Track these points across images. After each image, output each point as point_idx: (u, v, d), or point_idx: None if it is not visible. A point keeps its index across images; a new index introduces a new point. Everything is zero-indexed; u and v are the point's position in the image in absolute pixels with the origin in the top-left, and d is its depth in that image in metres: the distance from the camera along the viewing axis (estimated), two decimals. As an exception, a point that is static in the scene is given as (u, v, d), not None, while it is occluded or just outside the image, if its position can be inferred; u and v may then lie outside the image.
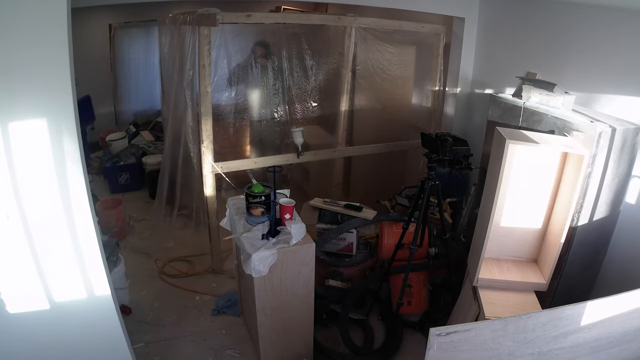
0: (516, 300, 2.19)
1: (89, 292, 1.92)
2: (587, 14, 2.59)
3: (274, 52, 3.49)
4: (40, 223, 1.73)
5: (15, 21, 1.50)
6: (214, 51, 2.94)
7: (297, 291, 2.32)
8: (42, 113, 1.63)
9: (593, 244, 2.37)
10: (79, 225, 1.80)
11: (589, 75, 2.59)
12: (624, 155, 2.18)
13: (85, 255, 1.85)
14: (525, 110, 2.50)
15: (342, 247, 3.01)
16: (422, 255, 2.74)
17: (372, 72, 3.55)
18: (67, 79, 1.62)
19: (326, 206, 3.09)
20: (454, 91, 3.75)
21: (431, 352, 1.55)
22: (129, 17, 5.57)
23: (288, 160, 3.41)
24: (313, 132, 3.69)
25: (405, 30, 3.49)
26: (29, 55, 1.55)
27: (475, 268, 2.28)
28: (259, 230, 2.25)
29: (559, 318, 1.63)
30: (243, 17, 2.89)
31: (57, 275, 1.83)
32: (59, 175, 1.71)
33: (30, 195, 1.69)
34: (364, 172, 4.05)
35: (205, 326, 2.85)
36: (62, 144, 1.68)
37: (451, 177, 3.09)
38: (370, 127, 3.87)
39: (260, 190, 2.30)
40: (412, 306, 2.82)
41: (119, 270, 2.75)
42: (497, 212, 2.15)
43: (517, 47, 3.15)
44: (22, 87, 1.57)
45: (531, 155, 2.18)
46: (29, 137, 1.63)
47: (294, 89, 3.47)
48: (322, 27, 3.44)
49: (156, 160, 4.77)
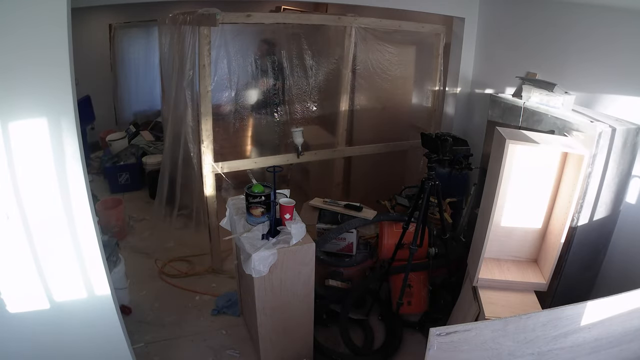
0: (516, 300, 2.19)
1: (89, 292, 1.92)
2: (587, 14, 2.59)
3: (275, 52, 3.50)
4: (41, 223, 1.73)
5: (16, 21, 1.50)
6: (214, 51, 2.94)
7: (297, 291, 2.32)
8: (42, 113, 1.63)
9: (593, 244, 2.37)
10: (79, 225, 1.80)
11: (589, 75, 2.59)
12: (624, 155, 2.18)
13: (85, 255, 1.85)
14: (525, 110, 2.50)
15: (342, 247, 3.01)
16: (422, 255, 2.74)
17: (372, 72, 3.55)
18: (67, 79, 1.62)
19: (326, 206, 3.09)
20: (454, 91, 3.74)
21: (431, 352, 1.55)
22: (129, 17, 5.57)
23: (288, 160, 3.41)
24: (313, 132, 3.69)
25: (405, 30, 3.49)
26: (29, 55, 1.55)
27: (475, 268, 2.28)
28: (259, 230, 2.25)
29: (559, 318, 1.63)
30: (243, 17, 2.89)
31: (57, 275, 1.83)
32: (59, 175, 1.71)
33: (31, 195, 1.69)
34: (364, 172, 4.05)
35: (205, 326, 2.85)
36: (62, 144, 1.68)
37: (451, 177, 3.09)
38: (370, 127, 3.87)
39: (260, 190, 2.30)
40: (412, 306, 2.82)
41: (119, 270, 2.76)
42: (497, 212, 2.15)
43: (517, 47, 3.15)
44: (22, 87, 1.58)
45: (531, 155, 2.18)
46: (29, 137, 1.63)
47: (294, 89, 3.46)
48: (322, 27, 3.44)
49: (156, 160, 4.77)
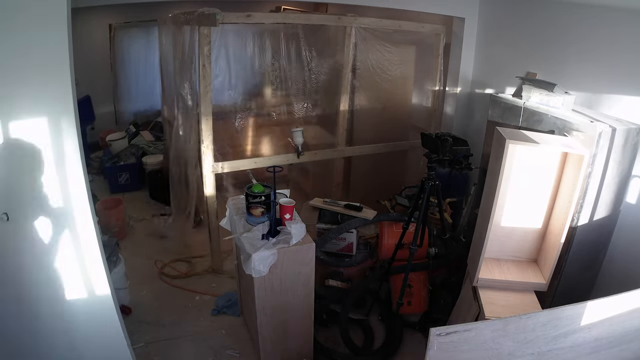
0: (516, 300, 2.19)
1: (89, 292, 1.92)
2: (587, 14, 2.59)
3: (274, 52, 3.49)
4: (40, 223, 1.73)
5: (16, 21, 1.51)
6: (214, 51, 2.94)
7: (297, 291, 2.32)
8: (43, 113, 1.63)
9: (593, 244, 2.37)
10: (79, 225, 1.80)
11: (589, 75, 2.59)
12: (624, 155, 2.17)
13: (85, 255, 1.85)
14: (525, 110, 2.50)
15: (342, 247, 3.01)
16: (422, 255, 2.74)
17: (372, 72, 3.55)
18: (67, 79, 1.63)
19: (326, 206, 3.09)
20: (454, 91, 3.74)
21: (431, 352, 1.55)
22: (129, 17, 5.57)
23: (288, 160, 3.41)
24: (313, 132, 3.69)
25: (405, 30, 3.48)
26: (29, 55, 1.55)
27: (475, 268, 2.28)
28: (259, 230, 2.25)
29: (559, 318, 1.62)
30: (243, 17, 2.89)
31: (57, 275, 1.83)
32: (59, 175, 1.71)
33: (30, 195, 1.69)
34: (364, 172, 4.05)
35: (205, 326, 2.85)
36: (62, 144, 1.68)
37: (451, 177, 3.09)
38: (370, 127, 3.86)
39: (260, 190, 2.30)
40: (412, 306, 2.82)
41: (119, 270, 2.76)
42: (497, 212, 2.15)
43: (517, 47, 3.15)
44: (22, 87, 1.58)
45: (531, 155, 2.18)
46: (29, 137, 1.63)
47: (294, 89, 3.47)
48: (322, 27, 3.44)
49: (156, 160, 4.78)
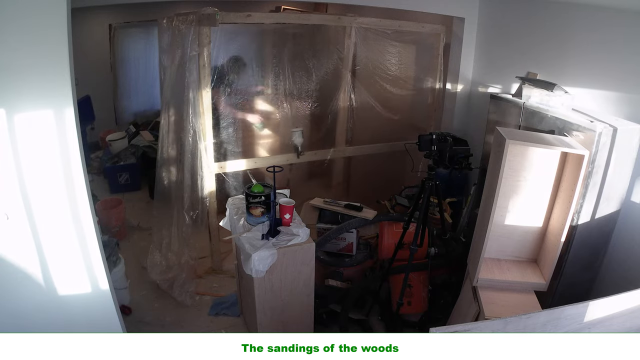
0: (516, 300, 2.19)
1: (89, 292, 1.92)
2: (587, 14, 2.59)
3: (274, 52, 3.49)
4: (40, 223, 1.73)
5: (16, 21, 1.50)
6: (214, 51, 2.94)
7: (297, 291, 2.32)
8: (42, 113, 1.63)
9: (593, 244, 2.37)
10: (79, 225, 1.80)
11: (589, 75, 2.59)
12: (624, 155, 2.17)
13: (85, 255, 1.85)
14: (525, 110, 2.50)
15: (342, 247, 3.01)
16: (422, 255, 2.74)
17: (372, 72, 3.55)
18: (67, 79, 1.62)
19: (326, 206, 3.09)
20: (454, 91, 3.74)
21: (431, 352, 1.55)
22: (129, 17, 5.56)
23: (288, 160, 3.41)
24: (313, 132, 3.69)
25: (405, 30, 3.49)
26: (29, 55, 1.55)
27: (475, 268, 2.28)
28: (259, 230, 2.25)
29: (559, 318, 1.62)
30: (243, 17, 2.89)
31: (57, 275, 1.83)
32: (59, 175, 1.71)
33: (31, 195, 1.69)
34: (364, 172, 4.05)
35: (205, 326, 2.85)
36: (62, 144, 1.68)
37: (451, 177, 3.09)
38: (370, 127, 3.86)
39: (260, 190, 2.30)
40: (412, 306, 2.81)
41: (119, 270, 2.75)
42: (497, 212, 2.15)
43: (517, 47, 3.15)
44: (22, 87, 1.58)
45: (531, 155, 2.18)
46: (29, 137, 1.63)
47: (293, 89, 3.46)
48: (322, 27, 3.44)
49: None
